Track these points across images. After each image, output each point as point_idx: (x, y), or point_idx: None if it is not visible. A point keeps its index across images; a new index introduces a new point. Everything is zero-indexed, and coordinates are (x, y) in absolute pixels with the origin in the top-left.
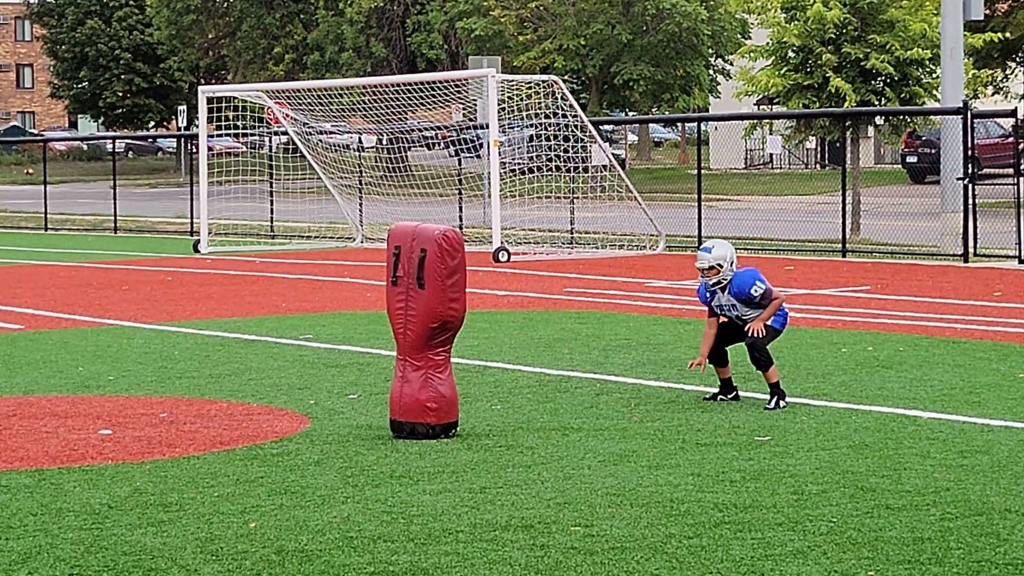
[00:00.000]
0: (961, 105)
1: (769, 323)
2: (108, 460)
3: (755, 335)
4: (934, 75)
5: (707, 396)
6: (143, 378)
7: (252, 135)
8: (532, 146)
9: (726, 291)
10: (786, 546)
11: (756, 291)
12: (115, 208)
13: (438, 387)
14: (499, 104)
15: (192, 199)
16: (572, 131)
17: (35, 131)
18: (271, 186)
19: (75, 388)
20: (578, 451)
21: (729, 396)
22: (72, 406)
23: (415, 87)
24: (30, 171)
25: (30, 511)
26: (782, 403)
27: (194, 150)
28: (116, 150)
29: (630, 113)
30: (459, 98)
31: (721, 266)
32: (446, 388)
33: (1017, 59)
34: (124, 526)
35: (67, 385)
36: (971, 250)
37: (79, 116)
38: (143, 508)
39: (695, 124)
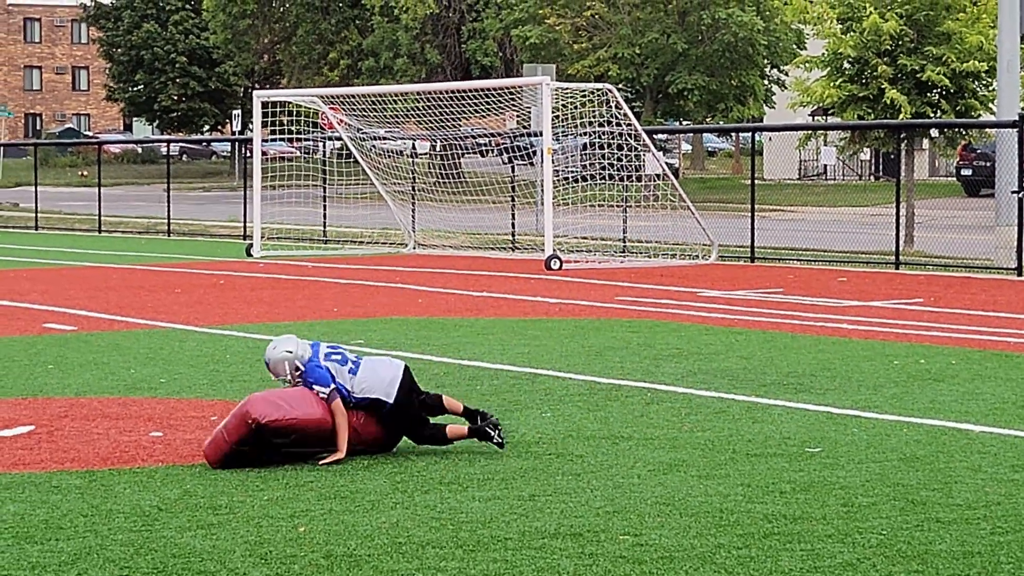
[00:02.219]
0: (1017, 118)
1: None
2: (158, 462)
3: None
4: (990, 88)
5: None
6: (194, 381)
7: (306, 140)
8: (585, 154)
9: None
10: (835, 558)
11: (321, 395)
12: (168, 211)
13: None
14: (553, 112)
15: (245, 203)
16: (626, 140)
17: (90, 133)
18: (324, 191)
19: (127, 390)
20: (628, 460)
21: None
22: (123, 408)
23: (469, 94)
24: (84, 173)
25: (80, 512)
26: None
27: (248, 154)
28: (170, 153)
29: (684, 122)
30: (513, 105)
31: (286, 373)
32: None
33: None
34: (174, 528)
35: (119, 387)
36: None
37: (134, 119)
38: (193, 511)
39: (749, 134)
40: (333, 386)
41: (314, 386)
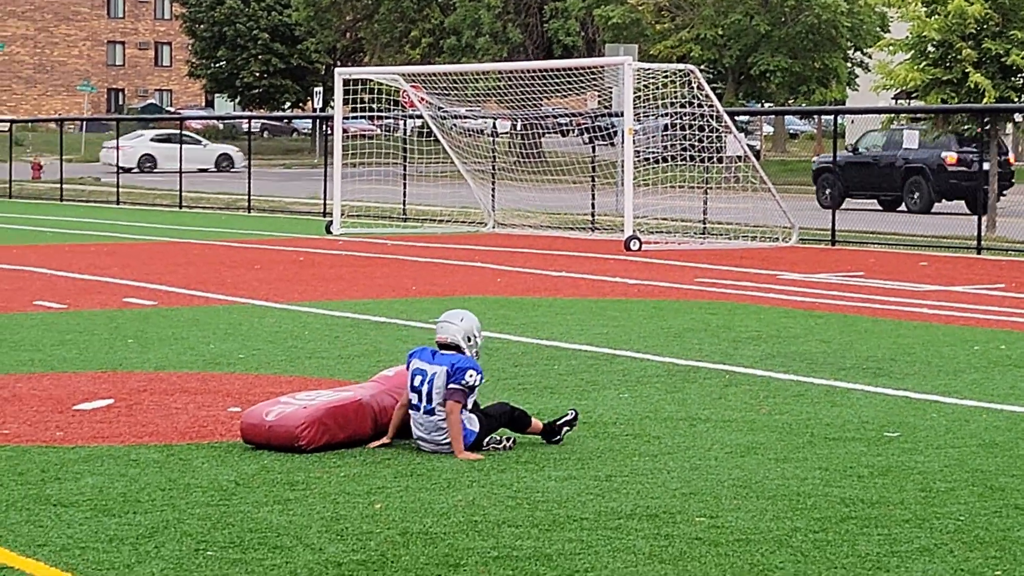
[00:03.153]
0: None
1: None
2: (236, 437)
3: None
4: None
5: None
6: (273, 357)
7: (387, 118)
8: (667, 135)
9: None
10: (912, 543)
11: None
12: (249, 188)
13: None
14: (635, 92)
15: (326, 180)
16: (707, 121)
17: (172, 109)
18: (404, 169)
19: (205, 365)
20: (705, 442)
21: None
22: (202, 383)
23: (551, 73)
24: None
25: (158, 486)
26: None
27: (329, 132)
28: (251, 130)
29: (766, 104)
30: (594, 86)
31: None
32: None
33: None
34: (250, 503)
35: (197, 362)
36: None
37: (215, 95)
38: (270, 486)
39: (831, 117)
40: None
41: (469, 376)
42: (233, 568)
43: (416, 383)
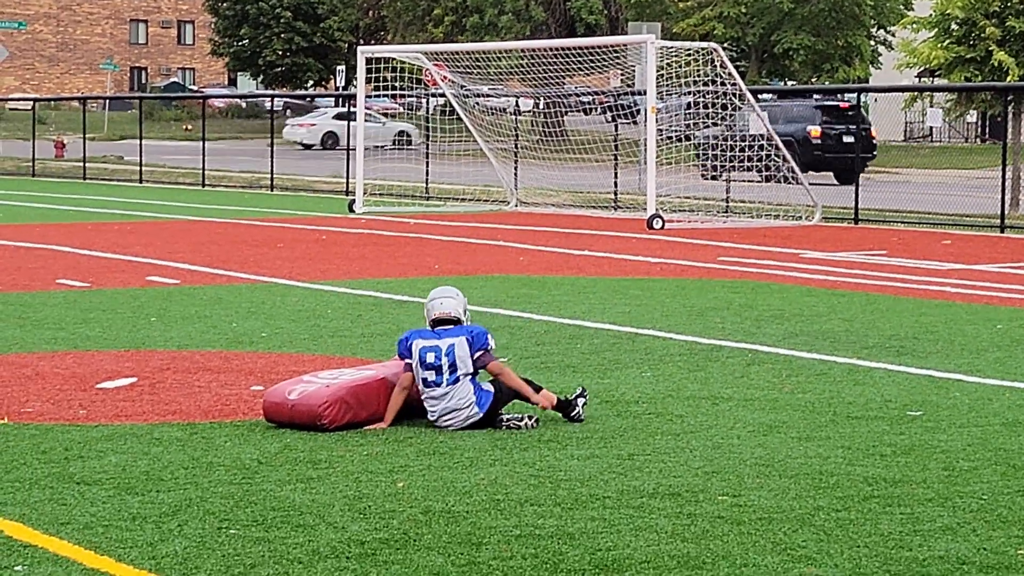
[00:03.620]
0: None
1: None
2: (259, 416)
3: None
4: None
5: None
6: (296, 335)
7: (410, 96)
8: (689, 113)
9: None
10: (935, 522)
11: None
12: (272, 166)
13: None
14: (657, 70)
15: (348, 159)
16: (730, 99)
17: (195, 88)
18: (427, 148)
19: (228, 344)
20: (728, 420)
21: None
22: (225, 362)
23: (574, 52)
24: (189, 127)
25: (181, 464)
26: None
27: (352, 110)
28: (274, 108)
29: (789, 83)
30: (617, 64)
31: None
32: None
33: None
34: (273, 482)
35: (220, 341)
36: None
37: (238, 74)
38: (293, 464)
39: (855, 95)
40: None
41: (489, 339)
42: (256, 546)
43: (430, 360)
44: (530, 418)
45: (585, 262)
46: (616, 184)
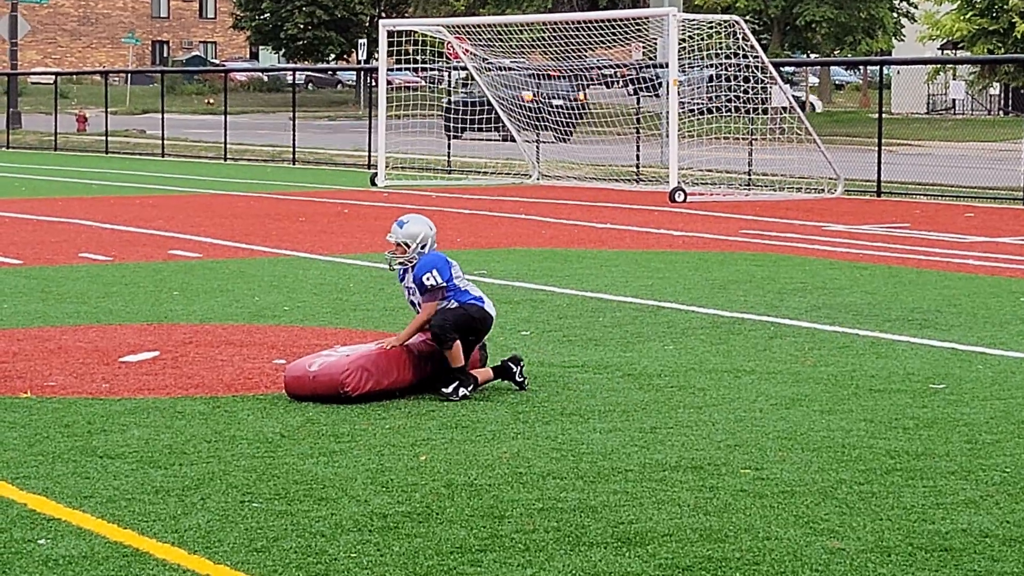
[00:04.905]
0: None
1: (459, 310)
2: (281, 389)
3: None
4: None
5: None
6: (318, 309)
7: (432, 70)
8: (712, 86)
9: (408, 274)
10: (958, 495)
11: (428, 280)
12: (294, 140)
13: None
14: (680, 43)
15: (370, 132)
16: (752, 72)
17: (216, 61)
18: (449, 121)
19: (250, 317)
20: (750, 394)
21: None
22: (247, 335)
23: (596, 24)
24: (211, 101)
25: (204, 438)
26: (462, 391)
27: (373, 83)
28: (296, 82)
29: (812, 55)
30: (639, 37)
31: (409, 245)
32: None
33: None
34: (296, 455)
35: (243, 314)
36: None
37: (260, 47)
38: (315, 438)
39: (877, 67)
40: (445, 284)
41: (433, 271)
42: (278, 520)
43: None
44: (462, 395)
45: (607, 235)
46: (638, 157)
